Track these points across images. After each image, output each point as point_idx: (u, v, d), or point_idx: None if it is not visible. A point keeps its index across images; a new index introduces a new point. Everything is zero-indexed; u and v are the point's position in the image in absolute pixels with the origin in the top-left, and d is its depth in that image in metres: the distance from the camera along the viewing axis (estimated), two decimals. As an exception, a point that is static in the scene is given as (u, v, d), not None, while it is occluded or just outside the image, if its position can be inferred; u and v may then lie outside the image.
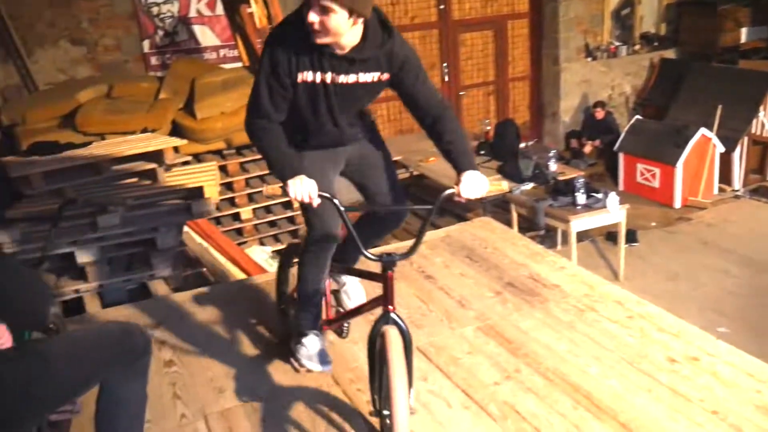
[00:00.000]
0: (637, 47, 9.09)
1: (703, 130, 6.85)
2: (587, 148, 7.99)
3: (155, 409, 2.48)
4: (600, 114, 8.00)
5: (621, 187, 7.47)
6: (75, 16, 6.24)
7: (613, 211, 5.30)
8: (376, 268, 2.17)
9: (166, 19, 6.59)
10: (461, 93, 8.39)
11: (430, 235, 4.05)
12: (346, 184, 2.61)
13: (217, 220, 5.51)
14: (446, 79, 8.25)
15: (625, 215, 5.38)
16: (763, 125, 7.24)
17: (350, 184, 2.64)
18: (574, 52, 8.59)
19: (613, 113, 8.37)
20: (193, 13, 6.69)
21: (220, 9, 6.62)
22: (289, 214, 5.72)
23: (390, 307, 2.12)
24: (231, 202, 5.60)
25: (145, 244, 3.95)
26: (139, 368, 1.99)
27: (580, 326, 2.93)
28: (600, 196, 5.37)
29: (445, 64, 8.19)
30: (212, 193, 4.77)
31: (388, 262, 2.12)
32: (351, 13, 1.99)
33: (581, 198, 5.31)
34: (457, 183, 2.18)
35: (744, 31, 8.93)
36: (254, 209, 5.70)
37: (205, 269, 4.21)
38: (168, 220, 4.00)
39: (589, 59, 8.72)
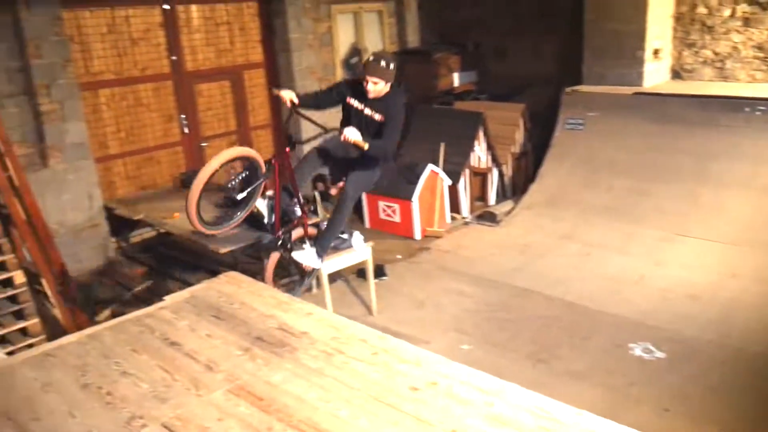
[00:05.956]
0: (368, 93, 9.73)
1: (431, 166, 7.53)
2: (333, 191, 8.29)
3: None
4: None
5: (367, 224, 7.88)
6: None
7: (359, 250, 5.55)
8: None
9: None
10: (203, 144, 8.21)
11: (174, 297, 3.84)
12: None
13: None
14: (186, 130, 8.02)
15: (371, 252, 5.65)
16: (479, 158, 8.19)
17: None
18: (312, 98, 8.92)
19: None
20: None
21: None
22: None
23: None
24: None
25: None
26: None
27: (329, 370, 2.96)
28: (345, 236, 5.57)
29: (183, 116, 7.96)
30: None
31: None
32: (386, 83, 4.67)
33: (328, 240, 5.46)
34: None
35: (456, 75, 10.12)
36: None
37: None
38: None
39: (326, 105, 9.11)
